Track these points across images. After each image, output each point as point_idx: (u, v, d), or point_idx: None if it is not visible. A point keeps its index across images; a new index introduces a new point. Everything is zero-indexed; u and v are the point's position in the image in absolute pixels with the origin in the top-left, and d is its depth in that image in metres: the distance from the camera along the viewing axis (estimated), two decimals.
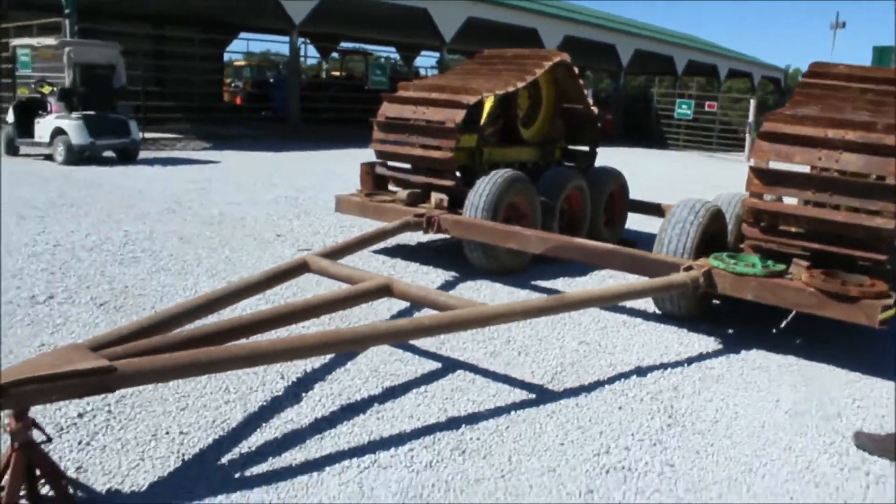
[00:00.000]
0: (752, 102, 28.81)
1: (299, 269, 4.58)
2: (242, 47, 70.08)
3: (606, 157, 10.25)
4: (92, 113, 13.17)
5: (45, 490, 2.72)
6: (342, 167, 14.46)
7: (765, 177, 5.12)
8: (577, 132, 8.64)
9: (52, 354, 2.87)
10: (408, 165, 7.24)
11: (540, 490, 3.16)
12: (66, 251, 6.53)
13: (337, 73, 34.34)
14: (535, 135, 8.22)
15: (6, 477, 2.60)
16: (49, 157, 13.22)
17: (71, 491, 2.80)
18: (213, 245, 7.06)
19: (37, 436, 2.69)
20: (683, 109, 30.24)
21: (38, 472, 2.68)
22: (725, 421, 4.00)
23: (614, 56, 31.62)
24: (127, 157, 13.64)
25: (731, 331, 5.59)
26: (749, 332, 5.57)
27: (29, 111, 13.70)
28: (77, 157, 12.81)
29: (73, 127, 12.86)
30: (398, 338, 3.63)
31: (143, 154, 14.38)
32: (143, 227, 7.70)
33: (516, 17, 25.99)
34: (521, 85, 7.22)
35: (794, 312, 6.15)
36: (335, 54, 35.80)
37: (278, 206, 9.47)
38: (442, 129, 6.63)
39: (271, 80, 31.91)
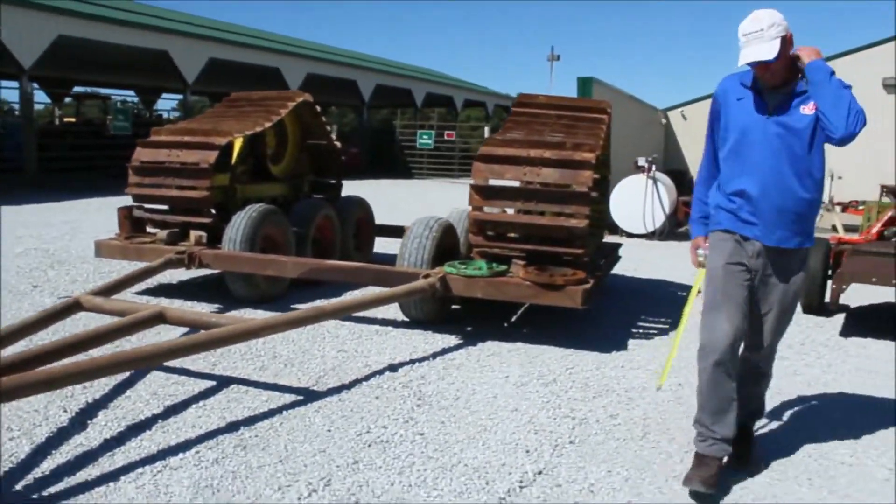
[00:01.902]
0: (486, 129, 31.13)
1: (72, 308, 4.83)
2: None
3: (354, 189, 11.03)
4: None
5: None
6: (91, 216, 14.15)
7: (483, 192, 6.06)
8: (323, 166, 9.32)
9: None
10: (165, 207, 7.53)
11: (313, 466, 3.73)
12: None
13: (72, 119, 32.73)
14: (283, 171, 8.79)
15: None
16: None
17: None
18: None
19: None
20: (425, 139, 32.09)
21: None
22: (465, 397, 4.80)
23: (357, 91, 32.82)
24: None
25: (469, 328, 6.47)
26: (485, 329, 6.48)
27: None
28: None
29: None
30: (189, 352, 4.04)
31: None
32: None
33: (258, 57, 26.39)
34: (268, 125, 7.79)
35: (522, 309, 7.19)
36: (69, 99, 34.15)
37: (28, 257, 9.27)
38: (196, 170, 7.03)
39: None
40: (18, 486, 3.48)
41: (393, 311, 6.74)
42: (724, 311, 3.62)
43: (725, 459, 3.74)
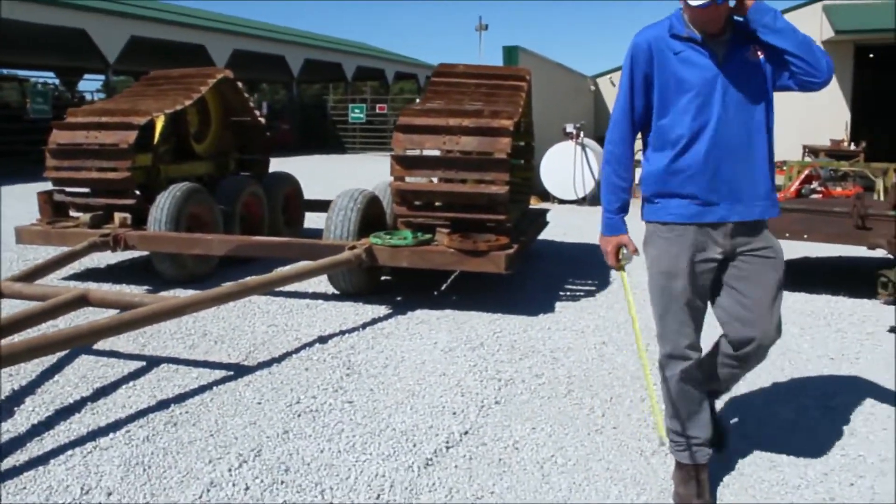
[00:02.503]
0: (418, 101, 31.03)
1: None
2: None
3: (286, 166, 11.01)
4: None
5: None
6: (12, 203, 13.77)
7: (404, 162, 6.12)
8: (249, 143, 9.27)
9: None
10: (87, 189, 7.42)
11: (244, 438, 3.78)
12: None
13: None
14: (207, 149, 8.71)
15: None
16: None
17: None
18: None
19: None
20: (356, 113, 31.88)
21: None
22: (394, 364, 4.89)
23: (285, 67, 32.35)
24: None
25: (399, 298, 6.55)
26: (415, 298, 6.57)
27: None
28: None
29: None
30: (114, 332, 4.04)
31: None
32: None
33: (183, 34, 25.79)
34: (188, 103, 7.71)
35: (452, 277, 7.30)
36: None
37: None
38: (116, 150, 6.93)
39: None
40: None
41: (324, 285, 6.79)
42: (687, 317, 3.23)
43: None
